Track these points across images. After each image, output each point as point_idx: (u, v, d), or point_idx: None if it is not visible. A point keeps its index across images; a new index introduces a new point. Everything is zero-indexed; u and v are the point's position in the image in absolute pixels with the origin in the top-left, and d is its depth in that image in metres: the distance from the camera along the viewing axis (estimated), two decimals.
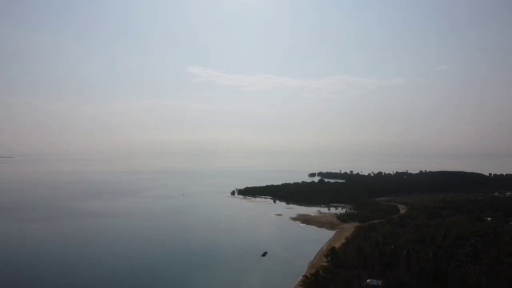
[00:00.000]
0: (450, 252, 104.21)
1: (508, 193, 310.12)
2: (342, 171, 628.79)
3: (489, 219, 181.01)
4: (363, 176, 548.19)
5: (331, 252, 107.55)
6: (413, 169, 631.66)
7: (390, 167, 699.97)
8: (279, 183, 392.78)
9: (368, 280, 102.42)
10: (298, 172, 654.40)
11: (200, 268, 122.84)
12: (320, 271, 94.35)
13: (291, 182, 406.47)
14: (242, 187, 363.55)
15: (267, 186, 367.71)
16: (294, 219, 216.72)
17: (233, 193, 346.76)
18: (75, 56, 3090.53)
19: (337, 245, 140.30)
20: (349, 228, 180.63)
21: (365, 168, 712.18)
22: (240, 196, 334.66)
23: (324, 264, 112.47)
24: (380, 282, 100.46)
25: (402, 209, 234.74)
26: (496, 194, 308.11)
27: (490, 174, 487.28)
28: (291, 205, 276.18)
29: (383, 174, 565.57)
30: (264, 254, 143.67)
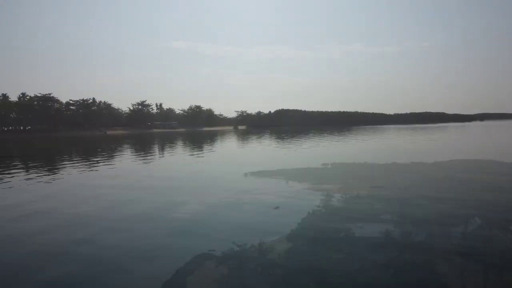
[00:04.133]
0: None
1: None
2: (356, 163, 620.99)
3: None
4: (378, 164, 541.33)
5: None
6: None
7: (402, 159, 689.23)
8: (291, 168, 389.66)
9: None
10: (309, 163, 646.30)
11: (217, 216, 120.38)
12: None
13: (303, 168, 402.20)
14: (253, 171, 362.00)
15: (279, 170, 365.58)
16: (307, 189, 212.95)
17: (245, 175, 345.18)
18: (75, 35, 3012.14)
19: None
20: None
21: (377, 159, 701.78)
22: (252, 177, 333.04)
23: None
24: None
25: None
26: None
27: None
28: (303, 183, 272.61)
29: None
30: (277, 207, 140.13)
